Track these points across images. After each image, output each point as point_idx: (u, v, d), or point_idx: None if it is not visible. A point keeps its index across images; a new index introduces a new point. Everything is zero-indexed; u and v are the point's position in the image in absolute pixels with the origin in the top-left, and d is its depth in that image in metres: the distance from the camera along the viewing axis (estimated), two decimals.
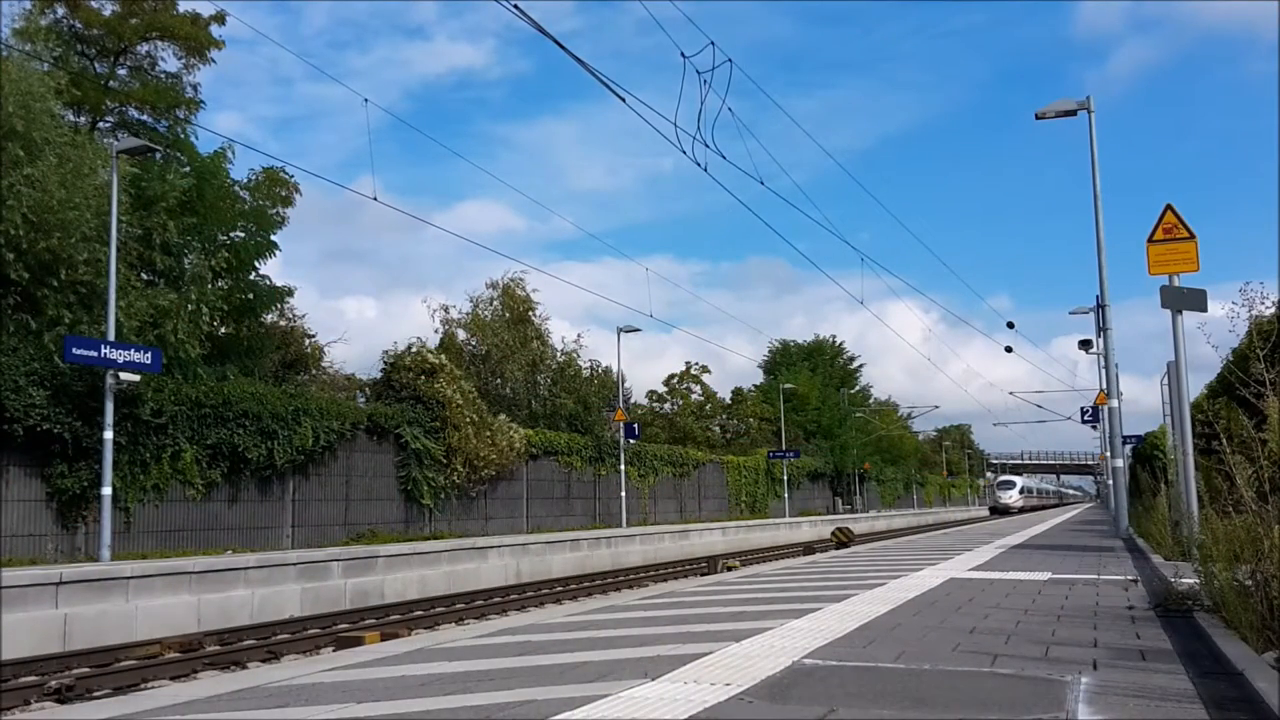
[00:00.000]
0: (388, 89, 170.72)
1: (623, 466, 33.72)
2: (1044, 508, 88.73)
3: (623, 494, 33.25)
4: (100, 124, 24.27)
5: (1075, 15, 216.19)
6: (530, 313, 37.20)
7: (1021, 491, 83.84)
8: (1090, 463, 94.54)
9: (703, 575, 21.31)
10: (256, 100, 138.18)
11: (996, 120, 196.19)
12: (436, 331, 35.92)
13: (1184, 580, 7.64)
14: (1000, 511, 75.66)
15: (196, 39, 24.96)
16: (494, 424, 27.73)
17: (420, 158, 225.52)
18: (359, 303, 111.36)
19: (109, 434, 16.22)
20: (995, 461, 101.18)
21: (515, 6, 9.91)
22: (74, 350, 15.63)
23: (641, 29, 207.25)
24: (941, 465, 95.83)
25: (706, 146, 12.64)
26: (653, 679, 4.59)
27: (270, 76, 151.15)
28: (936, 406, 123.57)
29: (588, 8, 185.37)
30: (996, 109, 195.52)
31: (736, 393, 57.77)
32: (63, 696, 9.73)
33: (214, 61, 25.74)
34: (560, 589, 20.15)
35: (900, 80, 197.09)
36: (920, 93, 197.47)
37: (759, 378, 64.14)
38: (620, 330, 35.22)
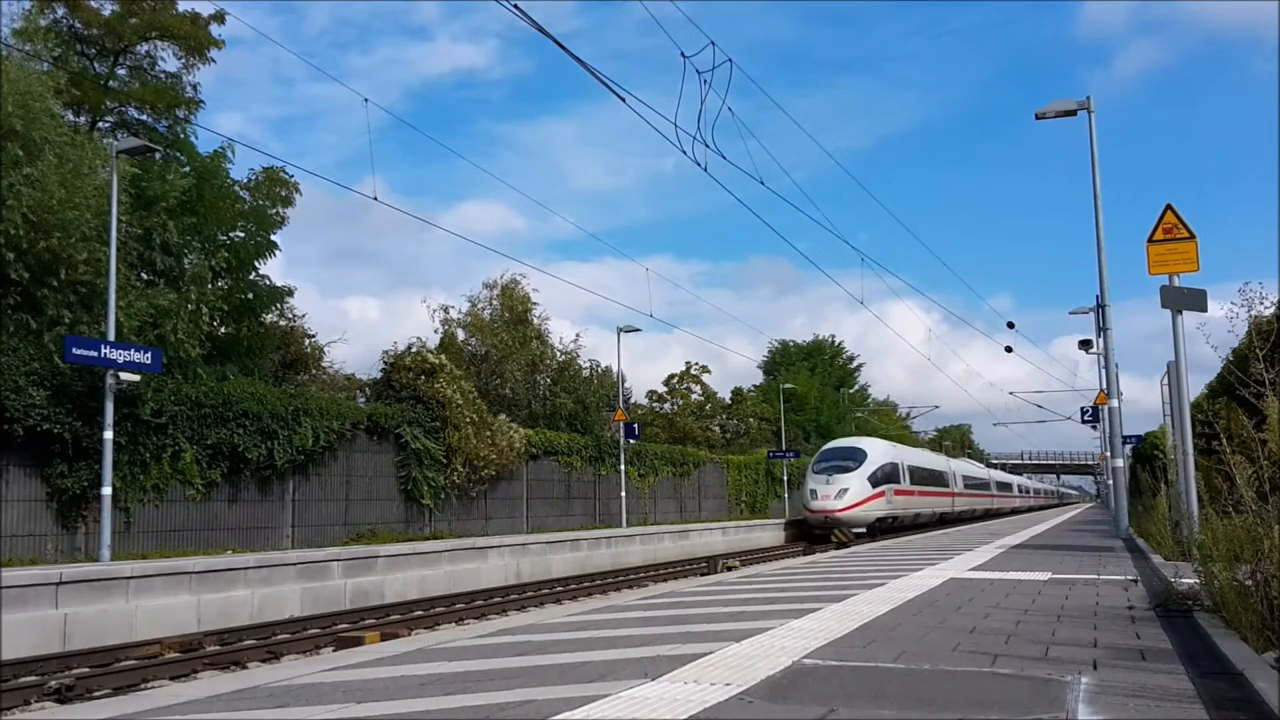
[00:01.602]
0: (389, 89, 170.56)
1: (623, 466, 33.71)
2: (973, 517, 48.77)
3: (623, 494, 33.23)
4: (100, 124, 24.26)
5: (1079, 16, 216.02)
6: (529, 313, 37.26)
7: (880, 479, 36.13)
8: (1090, 463, 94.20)
9: (703, 575, 21.31)
10: (257, 100, 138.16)
11: (997, 120, 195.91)
12: (436, 332, 36.01)
13: (1184, 580, 7.64)
14: (817, 526, 35.20)
15: (196, 39, 24.96)
16: (494, 424, 27.73)
17: (422, 158, 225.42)
18: (362, 303, 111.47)
19: (109, 434, 16.21)
20: (995, 461, 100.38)
21: (516, 7, 9.92)
22: (74, 350, 15.62)
23: (642, 29, 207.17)
24: None
25: (707, 146, 12.69)
26: (653, 679, 4.59)
27: (271, 76, 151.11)
28: (936, 406, 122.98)
29: (588, 8, 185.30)
30: (997, 109, 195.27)
31: (736, 393, 57.77)
32: (63, 696, 9.73)
33: (214, 61, 25.78)
34: (560, 589, 20.15)
35: (901, 80, 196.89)
36: (921, 93, 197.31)
37: (759, 378, 64.18)
38: (620, 330, 35.22)
